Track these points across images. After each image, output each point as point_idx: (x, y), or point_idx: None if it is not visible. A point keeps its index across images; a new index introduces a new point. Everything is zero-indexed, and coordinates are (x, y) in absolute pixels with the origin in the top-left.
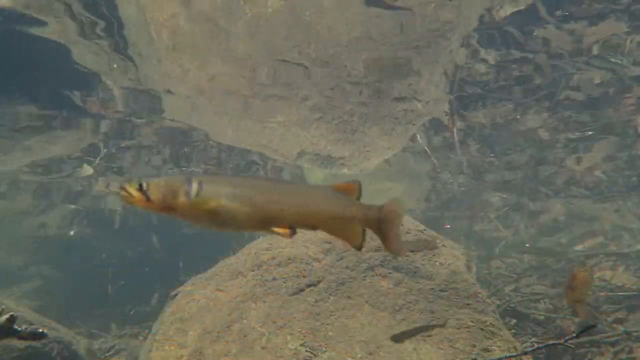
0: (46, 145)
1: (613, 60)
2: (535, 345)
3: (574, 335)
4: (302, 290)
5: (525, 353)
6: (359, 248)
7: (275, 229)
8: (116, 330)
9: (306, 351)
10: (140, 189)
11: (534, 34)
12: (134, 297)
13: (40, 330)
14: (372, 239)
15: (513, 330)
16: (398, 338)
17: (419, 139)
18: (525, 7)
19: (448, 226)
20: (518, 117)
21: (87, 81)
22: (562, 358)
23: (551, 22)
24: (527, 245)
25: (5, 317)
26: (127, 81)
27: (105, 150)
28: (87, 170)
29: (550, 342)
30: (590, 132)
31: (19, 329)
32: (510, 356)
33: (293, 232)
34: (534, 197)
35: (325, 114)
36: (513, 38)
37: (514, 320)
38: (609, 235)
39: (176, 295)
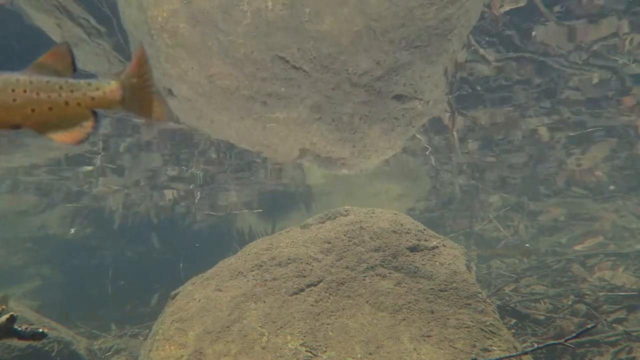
0: (46, 143)
1: (618, 60)
2: (535, 345)
3: (574, 335)
4: (302, 290)
5: (525, 353)
6: (83, 139)
7: None
8: (116, 330)
9: (306, 351)
10: None
11: (533, 33)
12: (134, 297)
13: (41, 330)
14: (372, 239)
15: (513, 330)
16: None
17: (419, 138)
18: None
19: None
20: (518, 116)
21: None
22: (562, 358)
23: (550, 19)
24: (527, 245)
25: (5, 317)
26: None
27: (104, 149)
28: (87, 168)
29: (550, 342)
30: (590, 132)
31: (19, 329)
32: (510, 356)
33: None
34: (534, 197)
35: (325, 114)
36: (512, 37)
37: (514, 320)
38: (609, 235)
39: (176, 295)
